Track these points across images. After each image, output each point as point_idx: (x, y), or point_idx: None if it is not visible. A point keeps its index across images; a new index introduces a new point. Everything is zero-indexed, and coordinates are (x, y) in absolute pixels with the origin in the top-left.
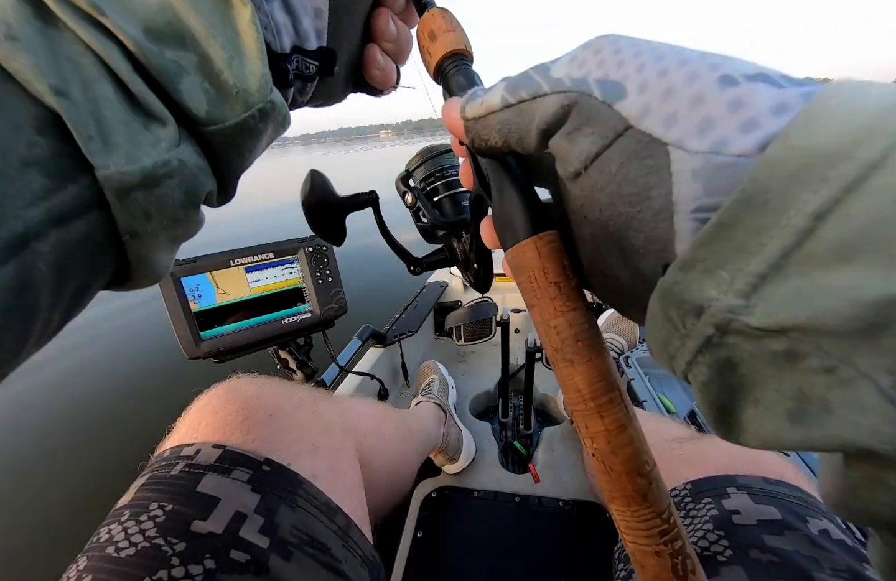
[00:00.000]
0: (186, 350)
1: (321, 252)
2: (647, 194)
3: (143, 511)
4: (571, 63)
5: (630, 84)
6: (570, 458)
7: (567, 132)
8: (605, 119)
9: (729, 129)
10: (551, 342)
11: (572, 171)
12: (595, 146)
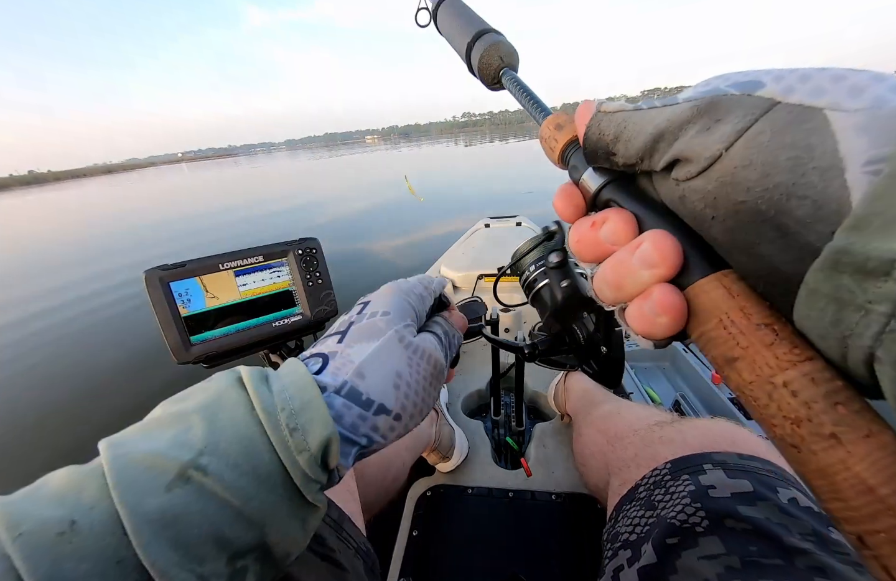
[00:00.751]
0: (176, 355)
1: (311, 254)
2: (809, 155)
3: None
4: (698, 87)
5: (765, 78)
6: (561, 452)
7: (704, 127)
8: (747, 104)
9: (881, 90)
10: (783, 410)
11: (708, 156)
12: (739, 125)
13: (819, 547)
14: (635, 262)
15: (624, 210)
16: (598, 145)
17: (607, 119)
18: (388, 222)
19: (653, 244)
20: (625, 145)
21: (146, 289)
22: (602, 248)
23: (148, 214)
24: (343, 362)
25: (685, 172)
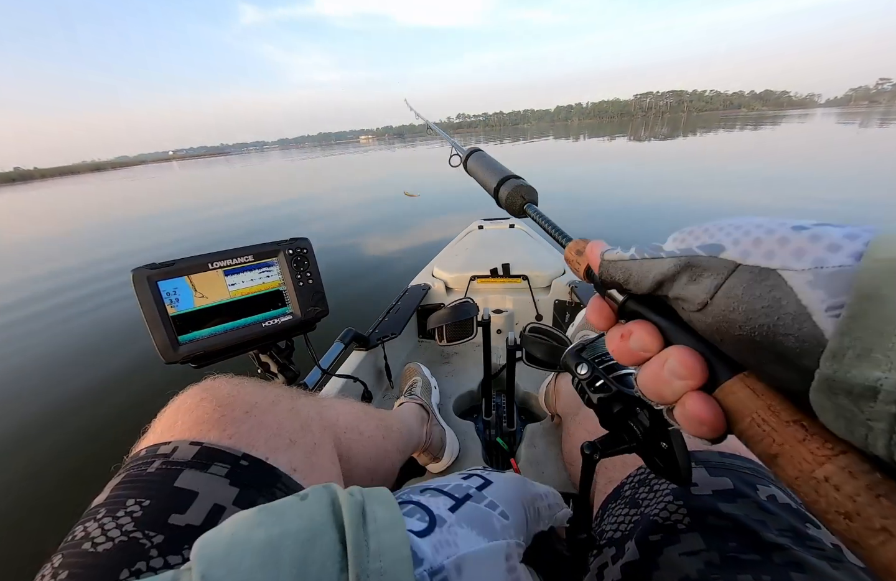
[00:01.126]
0: (164, 355)
1: (301, 254)
2: (778, 304)
3: (120, 507)
4: (674, 242)
5: (724, 242)
6: (551, 452)
7: (690, 278)
8: (715, 265)
9: (819, 252)
10: (833, 505)
11: (699, 302)
12: (716, 280)
13: (795, 542)
14: (667, 374)
15: (647, 323)
16: (612, 283)
17: (613, 266)
18: (381, 223)
19: (678, 361)
20: (635, 286)
21: (133, 288)
22: (635, 355)
23: (136, 212)
24: (448, 540)
25: (687, 307)
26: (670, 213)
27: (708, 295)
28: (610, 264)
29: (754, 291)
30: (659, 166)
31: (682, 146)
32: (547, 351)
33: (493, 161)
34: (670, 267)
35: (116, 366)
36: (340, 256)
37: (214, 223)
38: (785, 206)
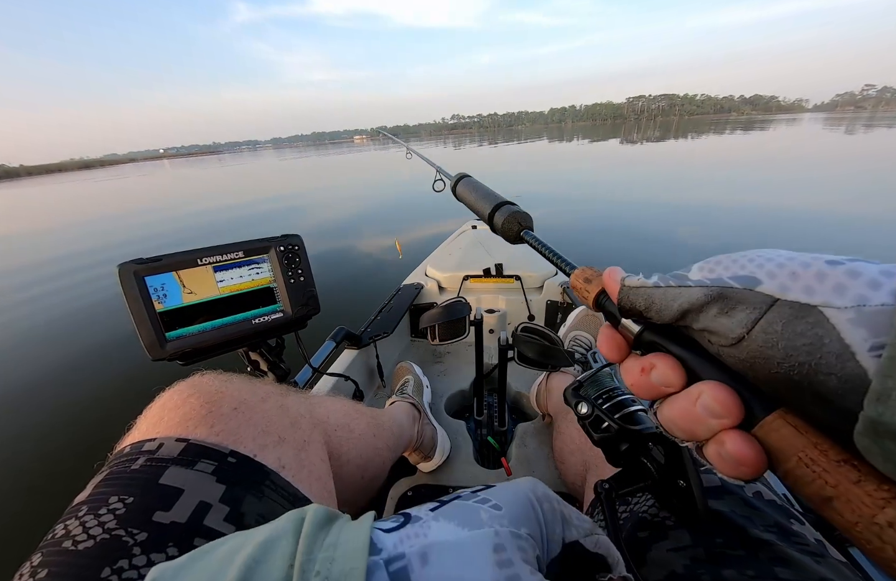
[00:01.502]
0: (150, 351)
1: (293, 251)
2: (820, 343)
3: (103, 504)
4: (702, 270)
5: (759, 275)
6: (542, 451)
7: (721, 310)
8: (752, 298)
9: (860, 289)
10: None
11: (734, 337)
12: (752, 315)
13: (781, 538)
14: (700, 411)
15: (669, 356)
16: (632, 311)
17: (634, 292)
18: (375, 222)
19: (713, 398)
20: (657, 314)
21: (119, 283)
22: (657, 390)
23: (124, 210)
24: (417, 532)
25: (717, 341)
26: (664, 215)
27: (744, 329)
28: (631, 291)
29: (795, 328)
30: (653, 168)
31: (675, 149)
32: (539, 351)
33: (483, 186)
34: (699, 297)
35: (100, 363)
36: (333, 254)
37: (204, 221)
38: (779, 208)
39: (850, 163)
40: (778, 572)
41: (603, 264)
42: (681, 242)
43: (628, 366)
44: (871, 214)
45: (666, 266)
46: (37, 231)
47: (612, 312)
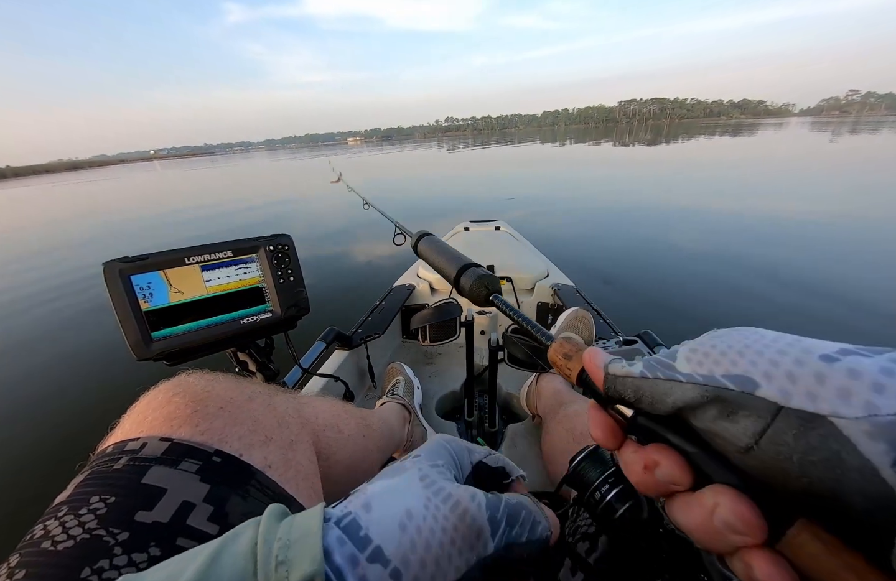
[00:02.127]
0: (135, 351)
1: (282, 250)
2: (839, 458)
3: (83, 504)
4: (690, 362)
5: (754, 375)
6: (532, 452)
7: (722, 414)
8: (753, 404)
9: (866, 394)
10: None
11: (742, 445)
12: (758, 424)
13: None
14: (719, 525)
15: (673, 452)
16: (621, 400)
17: (621, 383)
18: (367, 224)
19: (733, 513)
20: (649, 407)
21: (104, 281)
22: (664, 488)
23: (112, 210)
24: (357, 495)
25: (722, 445)
26: (656, 217)
27: (751, 440)
28: (616, 380)
29: (808, 440)
30: (644, 171)
31: (667, 152)
32: (529, 352)
33: (446, 246)
34: (694, 396)
35: (84, 363)
36: (323, 254)
37: (193, 221)
38: (770, 213)
39: (839, 166)
40: None
41: (597, 268)
42: (673, 245)
43: (628, 460)
44: (856, 215)
45: (659, 272)
46: (22, 227)
47: (598, 393)
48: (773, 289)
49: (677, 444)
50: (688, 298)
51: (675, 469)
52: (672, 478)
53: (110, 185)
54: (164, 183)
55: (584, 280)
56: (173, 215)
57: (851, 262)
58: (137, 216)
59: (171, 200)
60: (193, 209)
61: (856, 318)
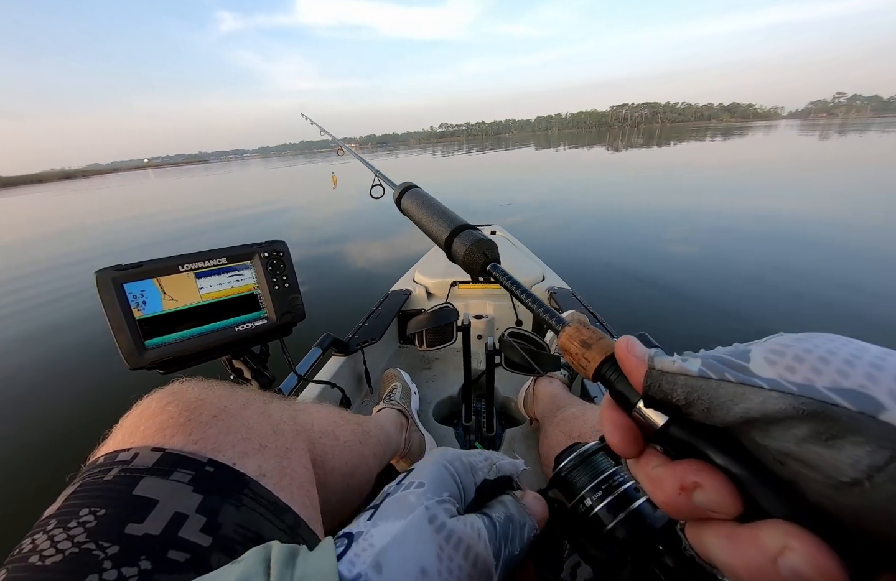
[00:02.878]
0: (128, 359)
1: (277, 257)
2: None
3: (73, 517)
4: (774, 366)
5: (878, 395)
6: (530, 456)
7: (816, 435)
8: (875, 430)
9: None
10: None
11: (844, 479)
12: (878, 457)
13: None
14: (787, 575)
15: (718, 475)
16: (664, 402)
17: (668, 380)
18: (363, 228)
19: (810, 563)
20: (704, 414)
21: (97, 290)
22: (698, 513)
23: (104, 218)
24: (364, 547)
25: (801, 471)
26: (646, 222)
27: (861, 474)
28: (664, 377)
29: None
30: (633, 174)
31: (659, 155)
32: (526, 356)
33: (436, 203)
34: (782, 408)
35: (76, 373)
36: (319, 260)
37: (186, 228)
38: (763, 214)
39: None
40: None
41: (592, 271)
42: (668, 248)
43: (655, 475)
44: (851, 217)
45: (653, 274)
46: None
47: (621, 392)
48: (773, 292)
49: (722, 465)
50: (684, 300)
51: (723, 494)
52: (718, 504)
53: (100, 195)
54: (157, 190)
55: (580, 283)
56: (169, 224)
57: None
58: (130, 225)
59: (164, 208)
60: (183, 219)
61: None
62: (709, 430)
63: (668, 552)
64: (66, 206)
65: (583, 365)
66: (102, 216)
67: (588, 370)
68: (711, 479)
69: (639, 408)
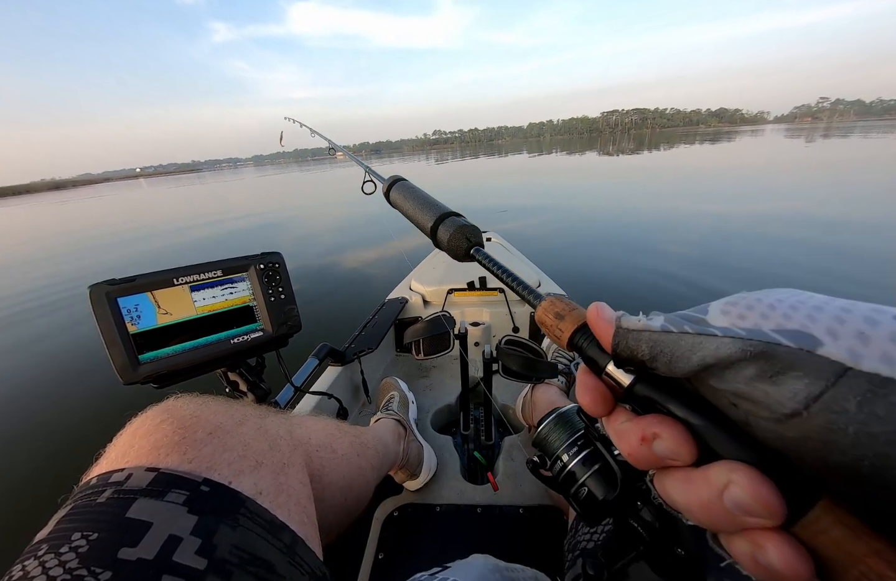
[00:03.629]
0: (122, 374)
1: (273, 268)
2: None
3: (64, 542)
4: (727, 315)
5: (814, 331)
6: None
7: (762, 374)
8: (810, 364)
9: None
10: None
11: (785, 411)
12: (813, 387)
13: None
14: (730, 505)
15: (676, 423)
16: (630, 359)
17: (634, 337)
18: (358, 237)
19: (750, 494)
20: (666, 366)
21: (90, 305)
22: (659, 462)
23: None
24: None
25: (751, 410)
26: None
27: (799, 405)
28: (630, 335)
29: (874, 409)
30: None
31: (650, 160)
32: (523, 363)
33: (422, 193)
34: (732, 351)
35: (70, 389)
36: (315, 271)
37: (181, 241)
38: (751, 215)
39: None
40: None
41: (587, 276)
42: (661, 249)
43: (621, 428)
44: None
45: (647, 276)
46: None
47: (591, 357)
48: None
49: (681, 416)
50: (678, 302)
51: (678, 442)
52: (673, 451)
53: (89, 206)
54: (149, 201)
55: (575, 288)
56: (159, 237)
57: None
58: (121, 238)
59: (154, 220)
60: (173, 232)
61: None
62: (670, 386)
63: (647, 506)
64: (56, 218)
65: (557, 335)
66: (88, 231)
67: (562, 339)
68: (669, 429)
69: (608, 370)
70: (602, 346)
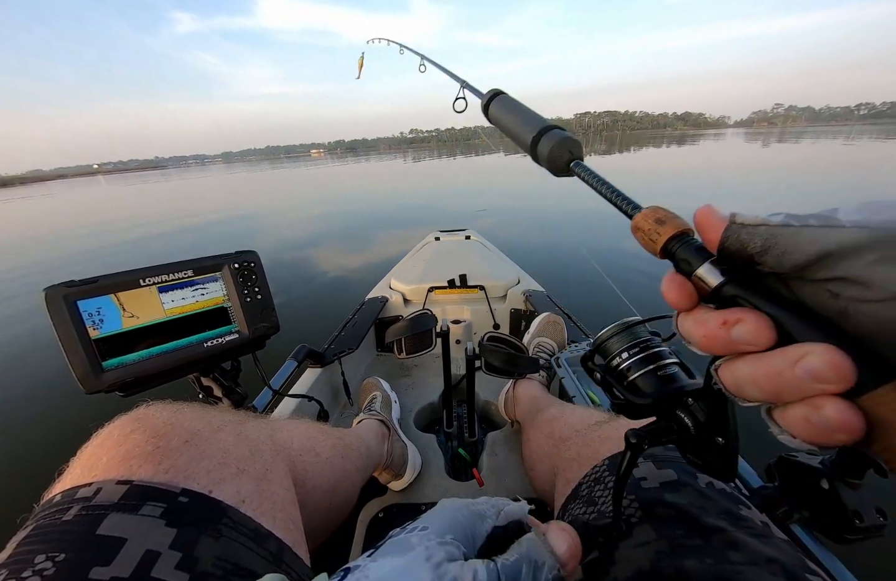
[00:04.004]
0: (83, 383)
1: (248, 268)
2: None
3: (27, 566)
4: (862, 212)
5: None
6: (513, 459)
7: (885, 257)
8: None
9: None
10: None
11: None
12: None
13: (731, 523)
14: (801, 374)
15: (759, 313)
16: (738, 254)
17: (748, 231)
18: (336, 236)
19: (826, 362)
20: (777, 259)
21: (46, 309)
22: (734, 347)
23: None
24: (358, 578)
25: (855, 293)
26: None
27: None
28: (744, 229)
29: None
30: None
31: (623, 161)
32: (505, 359)
33: (523, 106)
34: (857, 237)
35: (28, 401)
36: (293, 270)
37: (149, 242)
38: None
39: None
40: (730, 556)
41: (564, 274)
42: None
43: (702, 316)
44: None
45: (624, 275)
46: None
47: (685, 259)
48: None
49: (766, 309)
50: (649, 296)
51: (760, 328)
52: (753, 336)
53: (39, 204)
54: (110, 199)
55: (554, 285)
56: (126, 235)
57: None
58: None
59: (120, 217)
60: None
61: None
62: (758, 284)
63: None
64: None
65: (653, 240)
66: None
67: (657, 244)
68: (752, 316)
69: (698, 273)
70: (703, 244)
